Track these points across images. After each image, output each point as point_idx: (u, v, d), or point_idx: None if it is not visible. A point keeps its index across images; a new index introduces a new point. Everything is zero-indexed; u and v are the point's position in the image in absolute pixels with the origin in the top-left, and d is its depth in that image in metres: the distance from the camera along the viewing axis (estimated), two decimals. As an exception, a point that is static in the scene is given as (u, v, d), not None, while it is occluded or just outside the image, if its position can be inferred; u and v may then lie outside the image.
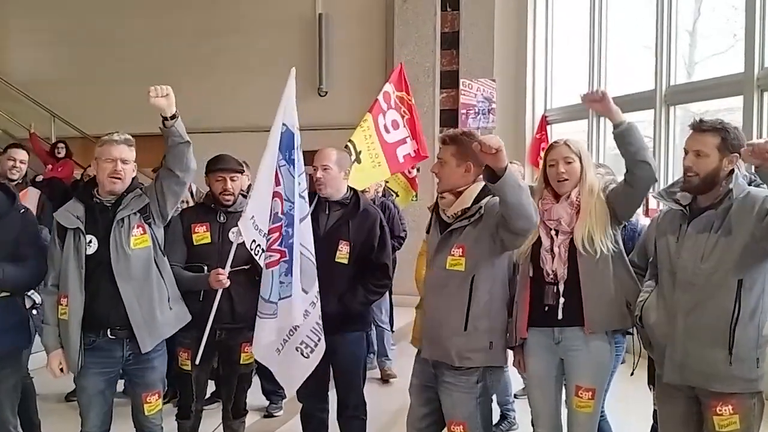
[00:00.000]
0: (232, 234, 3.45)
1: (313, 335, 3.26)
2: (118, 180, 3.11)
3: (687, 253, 2.65)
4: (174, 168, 3.09)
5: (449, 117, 8.59)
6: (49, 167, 8.30)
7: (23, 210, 3.27)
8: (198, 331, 3.36)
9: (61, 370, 3.11)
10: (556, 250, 2.91)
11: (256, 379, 4.41)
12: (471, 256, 2.86)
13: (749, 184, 2.73)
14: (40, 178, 7.20)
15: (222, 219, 3.59)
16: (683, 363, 2.64)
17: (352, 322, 3.50)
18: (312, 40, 9.38)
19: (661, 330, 2.71)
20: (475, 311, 2.86)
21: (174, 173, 3.10)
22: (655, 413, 3.20)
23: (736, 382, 2.58)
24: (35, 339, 3.41)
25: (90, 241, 3.06)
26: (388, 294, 5.47)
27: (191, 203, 4.64)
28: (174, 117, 3.00)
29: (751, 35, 5.44)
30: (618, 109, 2.81)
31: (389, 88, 5.46)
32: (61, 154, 8.40)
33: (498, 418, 4.34)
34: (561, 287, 2.90)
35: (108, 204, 3.13)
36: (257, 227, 3.26)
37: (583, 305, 2.86)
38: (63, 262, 3.07)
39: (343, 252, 3.44)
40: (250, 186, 4.31)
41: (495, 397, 3.38)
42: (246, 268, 3.47)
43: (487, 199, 2.88)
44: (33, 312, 3.42)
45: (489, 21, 8.48)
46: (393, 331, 5.91)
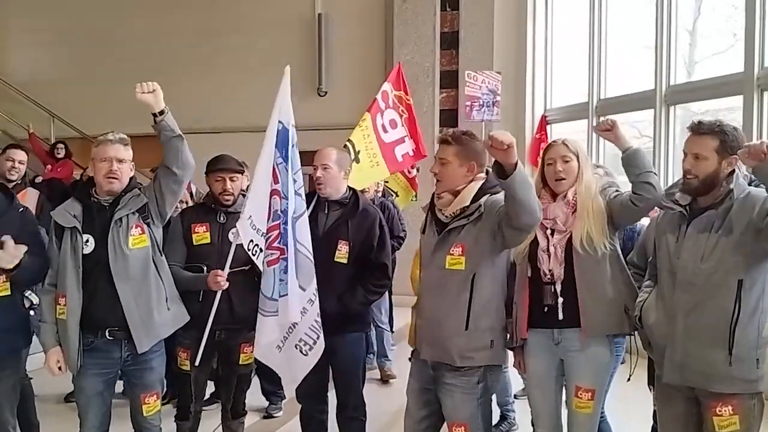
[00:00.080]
0: (231, 234, 3.44)
1: (312, 333, 3.25)
2: (114, 180, 3.10)
3: (687, 253, 2.64)
4: (171, 165, 3.08)
5: (449, 117, 8.59)
6: (49, 167, 8.32)
7: (22, 209, 3.26)
8: (197, 332, 3.36)
9: (60, 368, 3.10)
10: (551, 249, 2.91)
11: (255, 380, 4.41)
12: (471, 254, 2.84)
13: (749, 184, 2.73)
14: (39, 179, 7.19)
15: (222, 219, 3.59)
16: (683, 363, 2.64)
17: (351, 322, 3.50)
18: (312, 39, 9.38)
19: (661, 330, 2.71)
20: (476, 310, 2.84)
21: (171, 171, 3.09)
22: (655, 414, 3.19)
23: (736, 382, 2.58)
24: (34, 340, 3.40)
25: (87, 241, 3.06)
26: (387, 294, 5.48)
27: (191, 203, 4.64)
28: (162, 113, 3.00)
29: (751, 35, 5.44)
30: (625, 136, 2.90)
31: (387, 87, 5.45)
32: (61, 154, 8.42)
33: (498, 418, 4.33)
34: (558, 287, 2.89)
35: (106, 204, 3.13)
36: (255, 227, 3.26)
37: (580, 308, 2.85)
38: (60, 261, 3.07)
39: (343, 252, 3.43)
40: (249, 186, 4.31)
41: (495, 398, 3.38)
42: (246, 268, 3.46)
43: (486, 197, 2.87)
44: (31, 313, 3.41)
45: (488, 21, 8.49)
46: (393, 332, 5.91)
